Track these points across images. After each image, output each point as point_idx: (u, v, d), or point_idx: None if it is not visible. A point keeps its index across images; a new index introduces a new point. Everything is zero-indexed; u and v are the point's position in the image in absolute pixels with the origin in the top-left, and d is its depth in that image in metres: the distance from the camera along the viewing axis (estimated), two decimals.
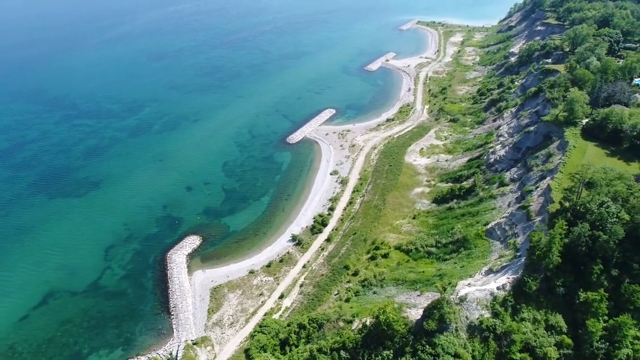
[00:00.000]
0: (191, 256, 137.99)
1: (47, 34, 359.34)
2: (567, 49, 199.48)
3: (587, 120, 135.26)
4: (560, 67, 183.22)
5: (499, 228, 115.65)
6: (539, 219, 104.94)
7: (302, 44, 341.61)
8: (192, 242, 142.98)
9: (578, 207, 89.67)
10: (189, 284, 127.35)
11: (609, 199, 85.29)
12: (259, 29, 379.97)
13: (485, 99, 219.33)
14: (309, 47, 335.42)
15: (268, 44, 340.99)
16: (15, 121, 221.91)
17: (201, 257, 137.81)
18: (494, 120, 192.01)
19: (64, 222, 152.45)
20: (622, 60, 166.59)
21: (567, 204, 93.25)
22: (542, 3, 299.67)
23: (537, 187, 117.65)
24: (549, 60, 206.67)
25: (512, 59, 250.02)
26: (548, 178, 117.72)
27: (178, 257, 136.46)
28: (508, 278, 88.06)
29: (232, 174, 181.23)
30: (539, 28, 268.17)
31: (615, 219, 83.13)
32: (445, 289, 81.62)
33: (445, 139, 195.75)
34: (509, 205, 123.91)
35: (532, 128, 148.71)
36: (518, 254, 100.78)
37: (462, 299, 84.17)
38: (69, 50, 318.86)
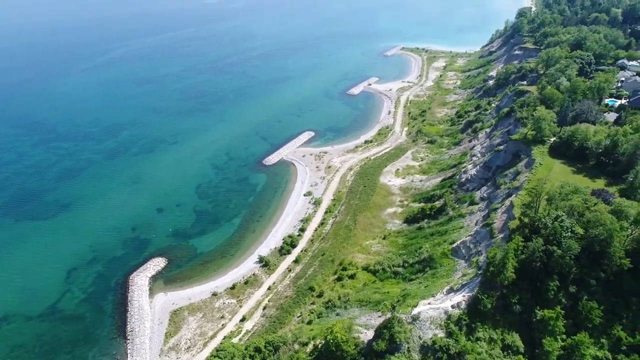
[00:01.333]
0: (154, 278, 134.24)
1: (37, 59, 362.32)
2: (542, 71, 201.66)
3: (554, 138, 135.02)
4: (534, 88, 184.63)
5: (464, 246, 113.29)
6: (501, 236, 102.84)
7: (288, 69, 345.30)
8: (156, 264, 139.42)
9: (536, 223, 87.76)
10: (149, 307, 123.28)
11: (564, 213, 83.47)
12: (246, 55, 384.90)
13: (462, 120, 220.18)
14: (294, 72, 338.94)
15: (254, 69, 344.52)
16: None
17: (165, 280, 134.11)
18: (470, 141, 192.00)
19: (28, 244, 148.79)
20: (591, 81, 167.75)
21: (526, 220, 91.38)
22: (521, 29, 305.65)
23: (503, 205, 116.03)
24: (525, 82, 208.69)
25: (491, 82, 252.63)
26: (513, 195, 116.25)
27: (140, 280, 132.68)
28: (464, 296, 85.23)
29: (206, 195, 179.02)
30: (516, 52, 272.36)
31: (569, 233, 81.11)
32: (394, 307, 78.66)
33: (422, 160, 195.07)
34: (476, 224, 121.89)
35: (502, 147, 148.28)
36: (480, 272, 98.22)
37: (415, 318, 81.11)
38: (56, 76, 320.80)
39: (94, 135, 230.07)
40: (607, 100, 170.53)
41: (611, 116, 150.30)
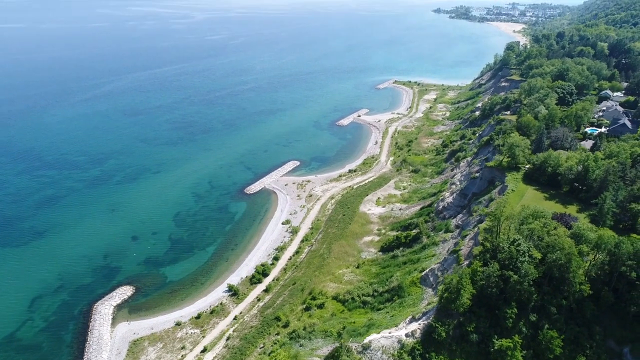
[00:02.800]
0: (119, 307, 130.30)
1: (29, 92, 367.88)
2: (525, 101, 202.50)
3: (529, 165, 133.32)
4: (514, 117, 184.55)
5: (432, 274, 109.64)
6: (466, 262, 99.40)
7: (278, 101, 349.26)
8: (123, 292, 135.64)
9: (496, 248, 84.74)
10: (110, 336, 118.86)
11: (520, 237, 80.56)
12: (239, 88, 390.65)
13: (447, 150, 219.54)
14: (285, 104, 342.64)
15: (245, 101, 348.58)
16: None
17: (130, 308, 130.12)
18: (452, 170, 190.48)
19: None
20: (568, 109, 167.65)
21: (488, 245, 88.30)
22: (508, 62, 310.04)
23: (472, 231, 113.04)
24: (508, 112, 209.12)
25: (477, 113, 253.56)
26: (484, 222, 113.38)
27: (104, 308, 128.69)
28: (419, 324, 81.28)
29: (183, 223, 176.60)
30: (503, 84, 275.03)
31: (526, 257, 77.93)
32: (340, 335, 74.83)
33: (404, 189, 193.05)
34: (447, 252, 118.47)
35: (477, 174, 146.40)
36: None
37: (366, 347, 77.04)
38: (47, 107, 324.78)
39: (79, 164, 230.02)
40: (587, 129, 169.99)
41: (588, 144, 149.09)
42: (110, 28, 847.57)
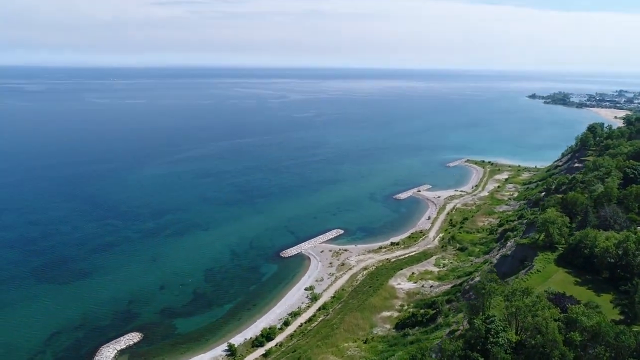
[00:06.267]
0: (122, 352, 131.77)
1: (126, 154, 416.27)
2: (581, 179, 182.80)
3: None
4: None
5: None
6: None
7: (341, 173, 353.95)
8: (131, 338, 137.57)
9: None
10: None
11: (494, 315, 68.36)
12: (308, 159, 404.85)
13: (500, 229, 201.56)
14: (347, 175, 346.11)
15: (310, 171, 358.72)
16: (57, 216, 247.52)
17: (131, 354, 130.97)
18: (499, 250, 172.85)
19: (33, 304, 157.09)
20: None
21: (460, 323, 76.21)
22: (587, 142, 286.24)
23: None
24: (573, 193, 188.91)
25: (543, 194, 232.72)
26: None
27: (108, 352, 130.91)
28: None
29: (212, 279, 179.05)
30: (576, 165, 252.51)
31: (499, 339, 65.34)
32: None
33: (443, 266, 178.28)
34: (446, 334, 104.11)
35: (509, 252, 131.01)
36: None
37: None
38: (135, 167, 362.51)
39: (141, 217, 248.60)
40: None
41: None
42: (214, 105, 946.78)
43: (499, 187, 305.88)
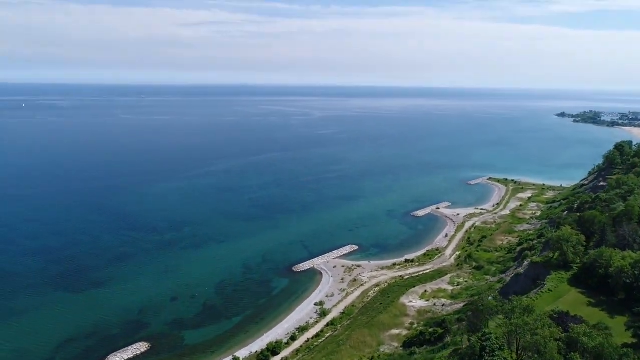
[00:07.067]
0: None
1: (150, 168, 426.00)
2: (603, 197, 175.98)
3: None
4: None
5: None
6: None
7: (360, 189, 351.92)
8: (138, 348, 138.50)
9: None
10: None
11: (491, 332, 65.66)
12: (328, 175, 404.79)
13: (519, 248, 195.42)
14: (365, 192, 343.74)
15: (328, 187, 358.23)
16: (79, 227, 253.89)
17: None
18: (515, 269, 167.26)
19: (47, 311, 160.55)
20: None
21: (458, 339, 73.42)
22: (614, 161, 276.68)
23: None
24: (591, 211, 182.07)
25: (565, 213, 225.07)
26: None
27: None
28: None
29: (222, 292, 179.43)
30: (601, 183, 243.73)
31: (494, 357, 62.61)
32: None
33: (457, 285, 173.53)
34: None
35: (522, 270, 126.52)
36: None
37: None
38: (157, 181, 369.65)
39: (159, 229, 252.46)
40: None
41: None
42: (239, 121, 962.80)
43: (521, 205, 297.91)
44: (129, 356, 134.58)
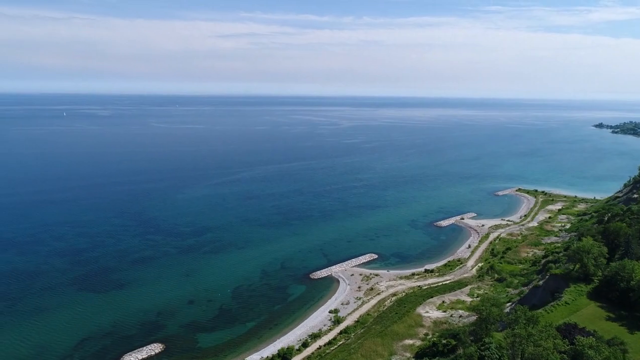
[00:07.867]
0: None
1: (177, 174, 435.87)
2: (635, 209, 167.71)
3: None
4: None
5: None
6: None
7: (383, 199, 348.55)
8: (152, 349, 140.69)
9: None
10: None
11: (492, 342, 63.18)
12: (351, 184, 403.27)
13: (543, 261, 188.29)
14: (388, 201, 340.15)
15: (351, 196, 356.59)
16: (105, 230, 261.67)
17: None
18: (539, 282, 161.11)
19: (70, 310, 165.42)
20: None
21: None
22: None
23: None
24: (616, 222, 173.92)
25: (595, 226, 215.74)
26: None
27: None
28: None
29: (239, 296, 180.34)
30: (635, 195, 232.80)
31: None
32: None
33: (477, 297, 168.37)
34: None
35: (541, 282, 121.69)
36: None
37: None
38: (183, 187, 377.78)
39: (182, 234, 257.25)
40: None
41: None
42: (267, 130, 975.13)
43: (550, 217, 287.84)
44: (143, 356, 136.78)
